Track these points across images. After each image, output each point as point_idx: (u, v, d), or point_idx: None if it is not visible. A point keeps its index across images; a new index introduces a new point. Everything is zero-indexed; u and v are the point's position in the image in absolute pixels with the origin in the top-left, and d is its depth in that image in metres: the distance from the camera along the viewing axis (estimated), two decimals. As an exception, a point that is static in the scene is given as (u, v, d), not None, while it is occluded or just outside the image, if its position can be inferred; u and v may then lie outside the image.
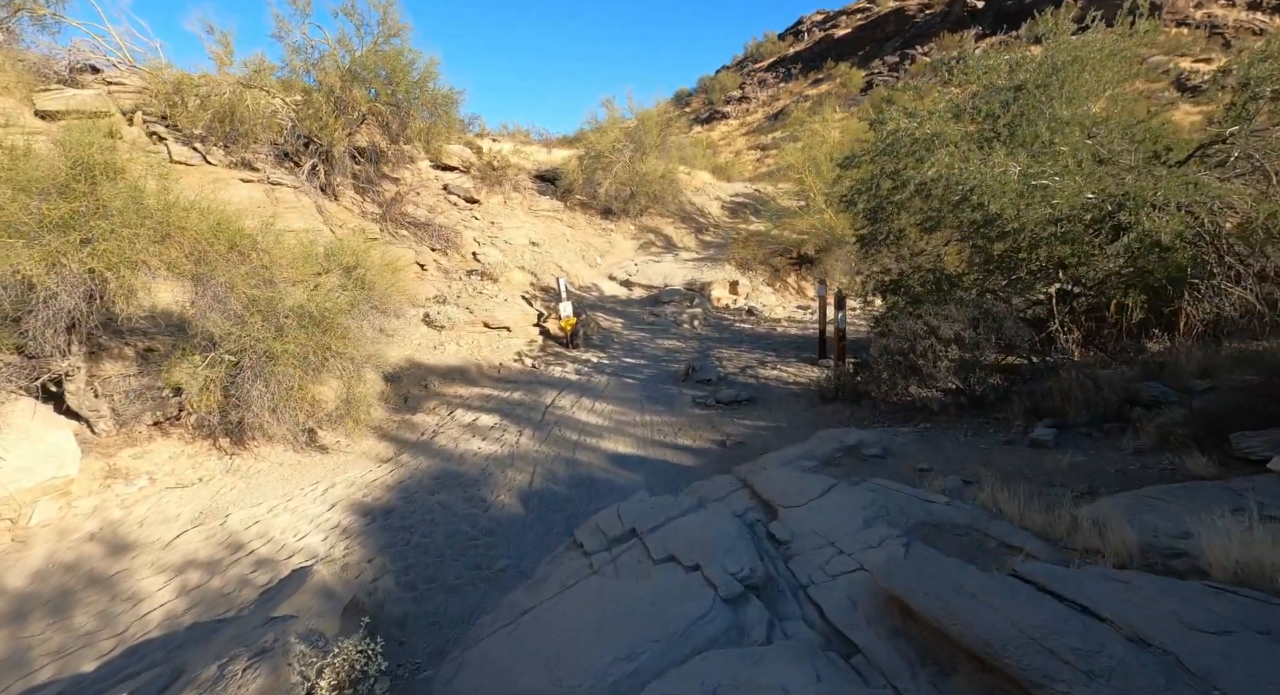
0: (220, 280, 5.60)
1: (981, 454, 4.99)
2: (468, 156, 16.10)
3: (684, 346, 11.25)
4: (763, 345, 10.97)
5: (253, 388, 5.83)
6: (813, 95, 42.11)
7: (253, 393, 5.83)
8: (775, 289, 15.19)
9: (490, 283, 11.64)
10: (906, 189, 7.59)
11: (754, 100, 44.07)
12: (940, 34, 39.11)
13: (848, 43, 44.41)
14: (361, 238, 10.82)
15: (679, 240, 17.57)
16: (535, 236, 15.04)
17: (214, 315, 5.64)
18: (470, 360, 9.91)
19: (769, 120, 42.21)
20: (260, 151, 10.32)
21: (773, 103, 43.77)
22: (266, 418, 5.96)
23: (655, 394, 8.60)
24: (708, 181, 20.66)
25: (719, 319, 13.29)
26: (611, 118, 16.52)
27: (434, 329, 10.27)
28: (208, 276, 5.65)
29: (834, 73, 42.00)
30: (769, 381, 8.85)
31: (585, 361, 10.39)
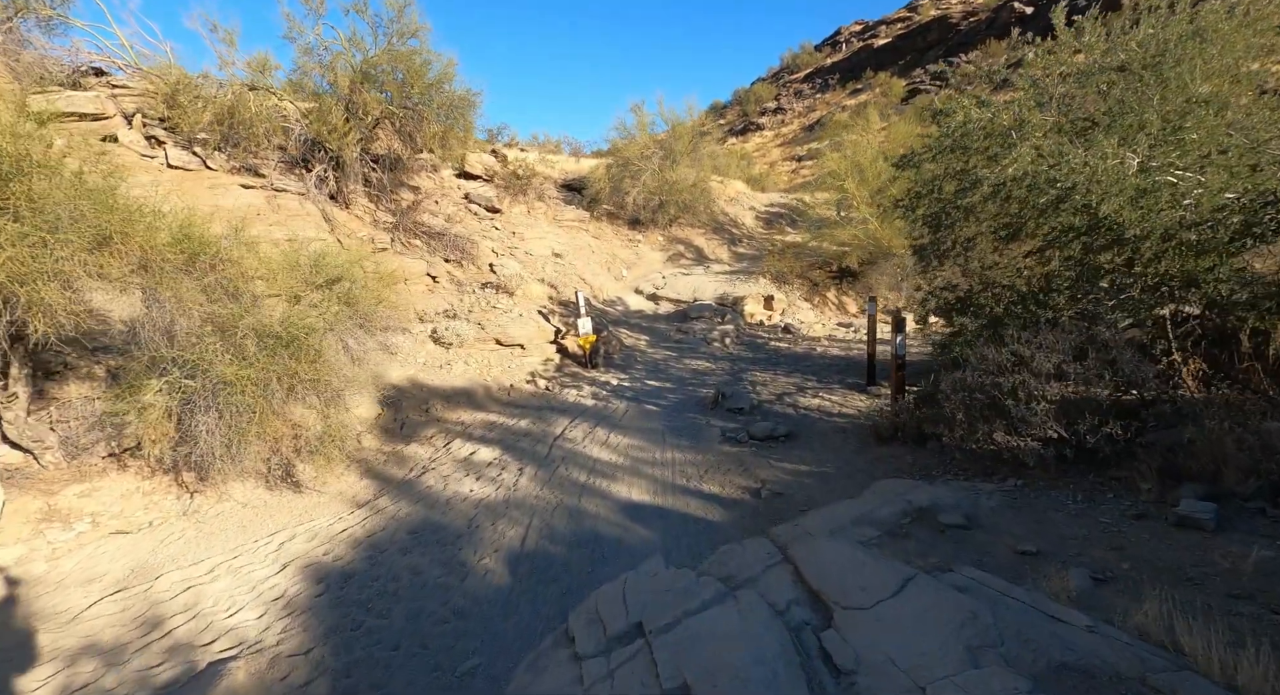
0: (166, 295, 4.70)
1: (1106, 532, 3.69)
2: (491, 165, 15.30)
3: (714, 368, 10.07)
4: (801, 368, 9.73)
5: (202, 420, 4.90)
6: (851, 105, 40.68)
7: (200, 426, 4.90)
8: (814, 305, 13.90)
9: (505, 296, 10.69)
10: (978, 191, 6.33)
11: (790, 111, 42.80)
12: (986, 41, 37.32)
13: (888, 52, 42.85)
14: (370, 248, 10.02)
15: (710, 252, 16.42)
16: (558, 247, 14.10)
17: (156, 334, 4.74)
18: (478, 381, 8.92)
19: (805, 131, 40.87)
20: (266, 156, 9.61)
21: (809, 114, 42.44)
22: (219, 455, 5.02)
23: (679, 425, 7.45)
24: (741, 191, 19.50)
25: (752, 337, 12.08)
26: (640, 123, 15.55)
27: (441, 346, 9.34)
28: (154, 290, 4.77)
29: (873, 82, 40.51)
30: (810, 412, 7.61)
31: (604, 384, 9.31)
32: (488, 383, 8.97)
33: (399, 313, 9.07)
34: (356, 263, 6.78)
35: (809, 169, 32.73)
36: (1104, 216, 4.67)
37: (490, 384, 8.97)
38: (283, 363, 5.19)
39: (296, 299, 5.92)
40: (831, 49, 46.94)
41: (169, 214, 5.31)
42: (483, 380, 8.99)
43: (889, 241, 12.82)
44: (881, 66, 41.62)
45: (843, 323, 13.09)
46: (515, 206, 14.88)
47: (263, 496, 5.67)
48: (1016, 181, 5.78)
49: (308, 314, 5.64)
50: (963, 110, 6.20)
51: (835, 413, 7.55)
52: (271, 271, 6.00)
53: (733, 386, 8.80)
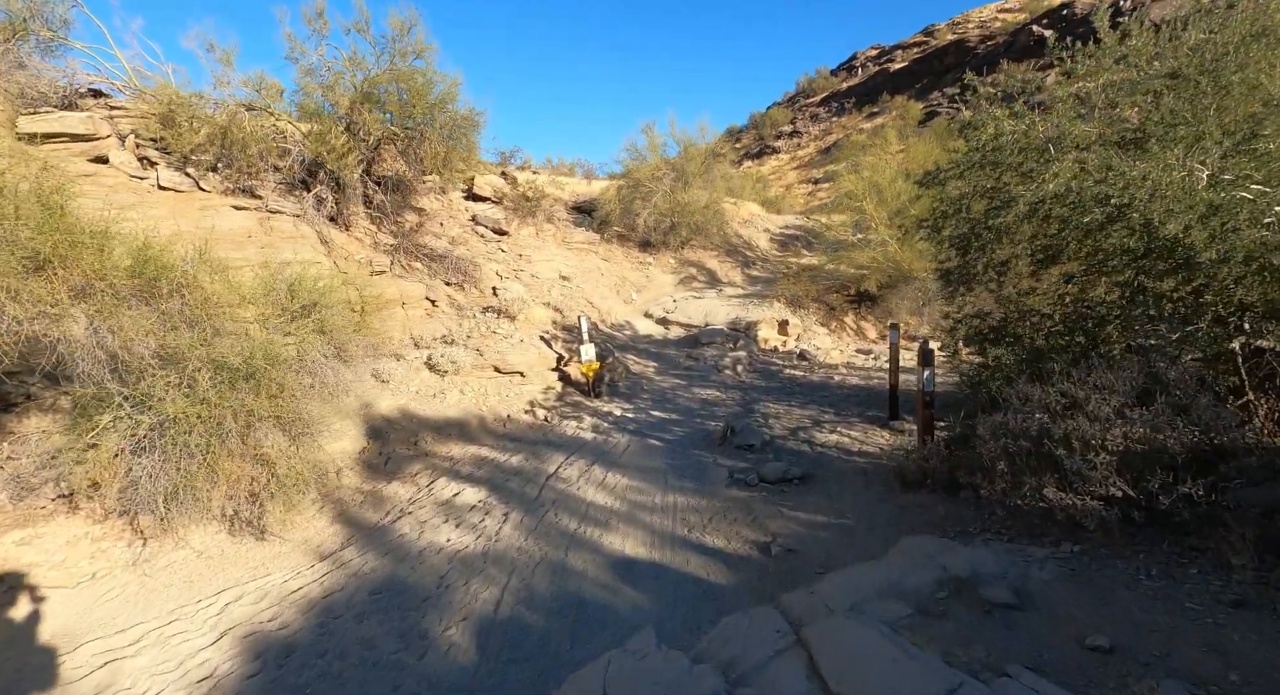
0: (106, 324, 4.22)
1: (1197, 624, 2.96)
2: (500, 187, 14.97)
3: (724, 397, 9.41)
4: (818, 398, 9.02)
5: (145, 461, 4.38)
6: (868, 128, 40.31)
7: (141, 469, 4.38)
8: (830, 330, 13.20)
9: (506, 321, 10.19)
10: (1012, 210, 5.68)
11: (806, 134, 42.49)
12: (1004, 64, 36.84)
13: (904, 76, 42.49)
14: (367, 271, 9.61)
15: (723, 275, 15.85)
16: (566, 269, 13.63)
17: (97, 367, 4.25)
18: (473, 411, 8.36)
19: (821, 154, 40.47)
20: (263, 178, 9.29)
21: (825, 137, 42.10)
22: (163, 501, 4.49)
23: (684, 463, 6.79)
24: (756, 213, 18.98)
25: (766, 364, 11.40)
26: (652, 144, 15.16)
27: (436, 374, 8.82)
28: (96, 317, 4.29)
29: (890, 105, 40.10)
30: (827, 450, 6.91)
31: (606, 415, 8.69)
32: (483, 413, 8.40)
33: (384, 339, 8.60)
34: (334, 288, 6.28)
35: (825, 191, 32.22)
36: (1167, 237, 4.00)
37: (486, 414, 8.41)
38: (239, 398, 4.67)
39: (264, 327, 5.42)
40: (847, 73, 46.74)
41: (128, 236, 4.88)
42: (478, 410, 8.43)
43: (910, 264, 12.14)
44: (898, 90, 41.23)
45: (862, 349, 12.37)
46: (523, 228, 14.49)
47: (222, 544, 5.11)
48: (1058, 198, 5.13)
49: (273, 343, 5.13)
50: (994, 122, 5.59)
51: (855, 451, 6.84)
52: (243, 298, 5.53)
53: (743, 419, 8.13)
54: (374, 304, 9.34)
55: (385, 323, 9.45)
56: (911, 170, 13.03)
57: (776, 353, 12.07)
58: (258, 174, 9.19)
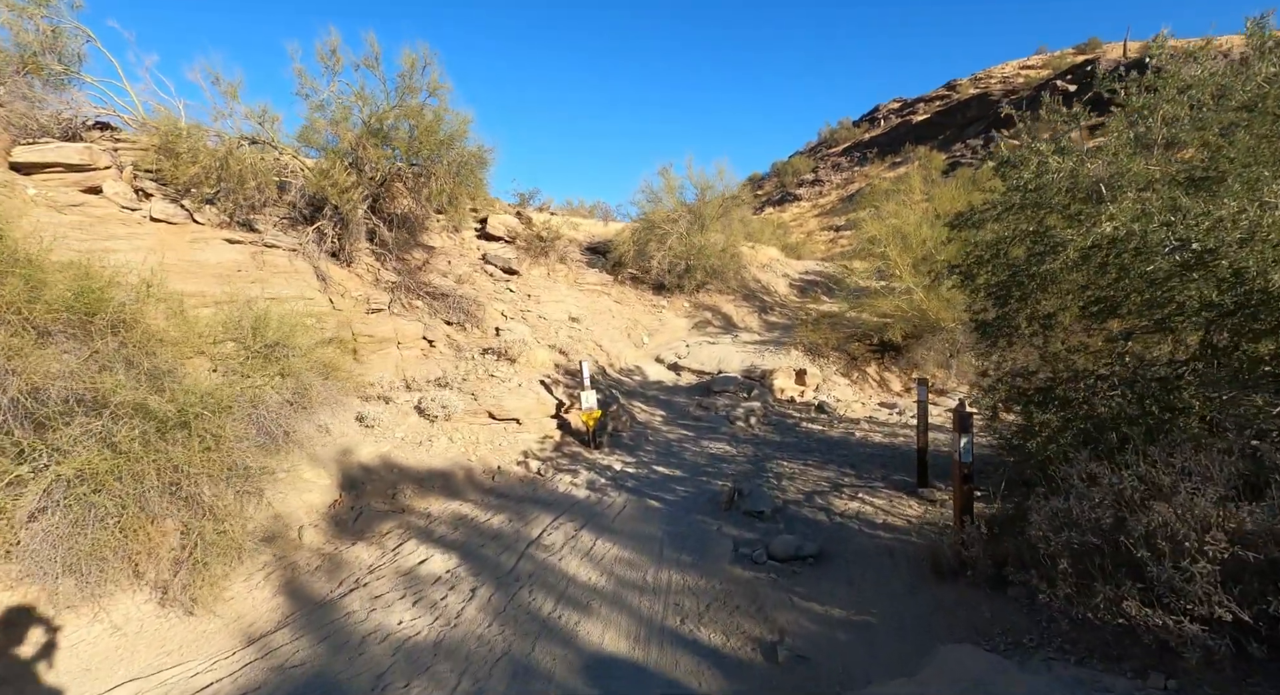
0: (9, 364, 3.66)
1: None
2: (514, 226, 14.67)
3: (734, 453, 8.59)
4: (837, 457, 8.15)
5: (41, 523, 3.76)
6: (891, 177, 40.07)
7: (35, 531, 3.75)
8: (852, 381, 12.35)
9: (506, 363, 9.59)
10: (1060, 256, 4.96)
11: (828, 183, 42.39)
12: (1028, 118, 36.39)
13: (927, 127, 42.44)
14: (363, 308, 9.15)
15: (739, 320, 15.18)
16: (576, 311, 13.10)
17: (0, 414, 3.68)
18: (461, 462, 7.67)
19: (843, 202, 40.19)
20: (265, 212, 9.01)
21: (847, 185, 41.93)
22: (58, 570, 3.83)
23: (684, 530, 5.97)
24: (775, 257, 18.43)
25: (782, 416, 10.58)
26: (669, 187, 14.80)
27: (426, 419, 8.19)
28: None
29: (913, 155, 39.92)
30: (847, 521, 6.03)
31: (605, 468, 7.92)
32: (471, 464, 7.70)
33: (367, 382, 8.03)
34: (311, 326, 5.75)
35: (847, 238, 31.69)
36: (1271, 290, 3.23)
37: (474, 465, 7.71)
38: (168, 451, 4.06)
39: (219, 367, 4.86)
40: (870, 124, 46.92)
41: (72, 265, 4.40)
42: (466, 460, 7.74)
43: (937, 313, 11.34)
44: (920, 141, 41.09)
45: (885, 403, 11.47)
46: (535, 268, 14.08)
47: (145, 618, 4.41)
48: (1116, 244, 4.40)
49: (222, 387, 4.55)
50: (1036, 158, 4.93)
51: (880, 523, 5.95)
52: (199, 335, 5.00)
53: (754, 480, 7.30)
54: (368, 343, 8.85)
55: (378, 363, 8.93)
56: (941, 213, 12.39)
57: (793, 404, 11.25)
58: (259, 208, 8.90)
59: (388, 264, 10.57)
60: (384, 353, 9.02)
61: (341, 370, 6.35)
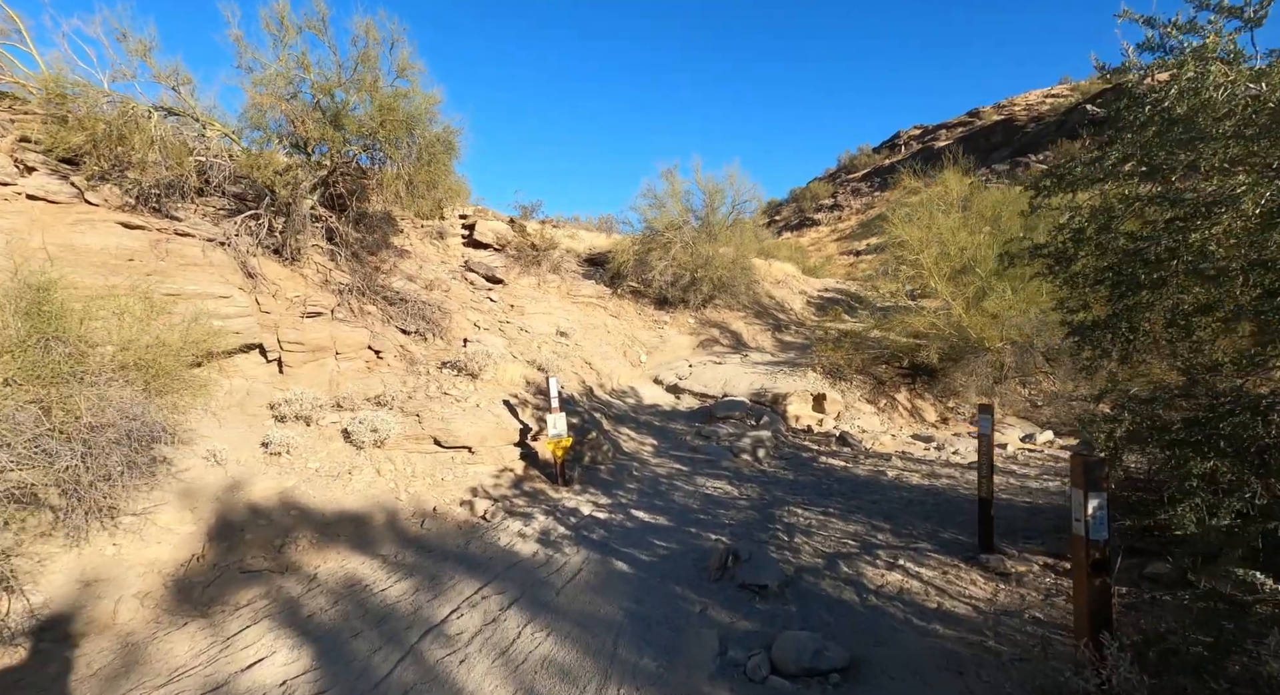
0: None
1: None
2: (504, 233, 13.16)
3: (736, 494, 6.71)
4: (866, 504, 6.23)
5: None
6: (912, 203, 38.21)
7: None
8: (879, 408, 10.40)
9: (466, 380, 7.88)
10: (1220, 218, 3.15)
11: (847, 208, 40.72)
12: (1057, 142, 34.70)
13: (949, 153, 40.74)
14: (299, 311, 7.56)
15: (750, 338, 13.36)
16: (566, 324, 11.42)
17: None
18: (385, 501, 5.92)
19: (862, 227, 38.44)
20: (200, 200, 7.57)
21: (867, 211, 40.21)
22: None
23: (654, 612, 4.11)
24: (790, 273, 16.66)
25: (796, 448, 8.68)
26: (673, 191, 13.17)
27: (352, 446, 6.49)
28: None
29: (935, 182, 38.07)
30: (887, 602, 4.12)
31: (570, 513, 6.11)
32: (398, 504, 5.95)
33: (254, 401, 6.40)
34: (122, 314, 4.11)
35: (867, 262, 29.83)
36: None
37: (402, 505, 5.95)
38: None
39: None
40: (890, 151, 45.33)
41: None
42: (393, 499, 5.99)
43: (979, 332, 9.42)
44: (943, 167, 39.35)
45: (919, 435, 9.49)
46: (524, 278, 12.49)
47: None
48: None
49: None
50: (1194, 64, 3.12)
51: (934, 609, 4.03)
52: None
53: (757, 534, 5.42)
54: (296, 352, 7.25)
55: (309, 375, 7.31)
56: (983, 214, 10.59)
57: (810, 434, 9.34)
58: (185, 193, 7.45)
59: (343, 265, 9.05)
60: (318, 364, 7.40)
61: (183, 380, 4.68)
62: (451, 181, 8.69)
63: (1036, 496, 6.17)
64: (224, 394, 6.75)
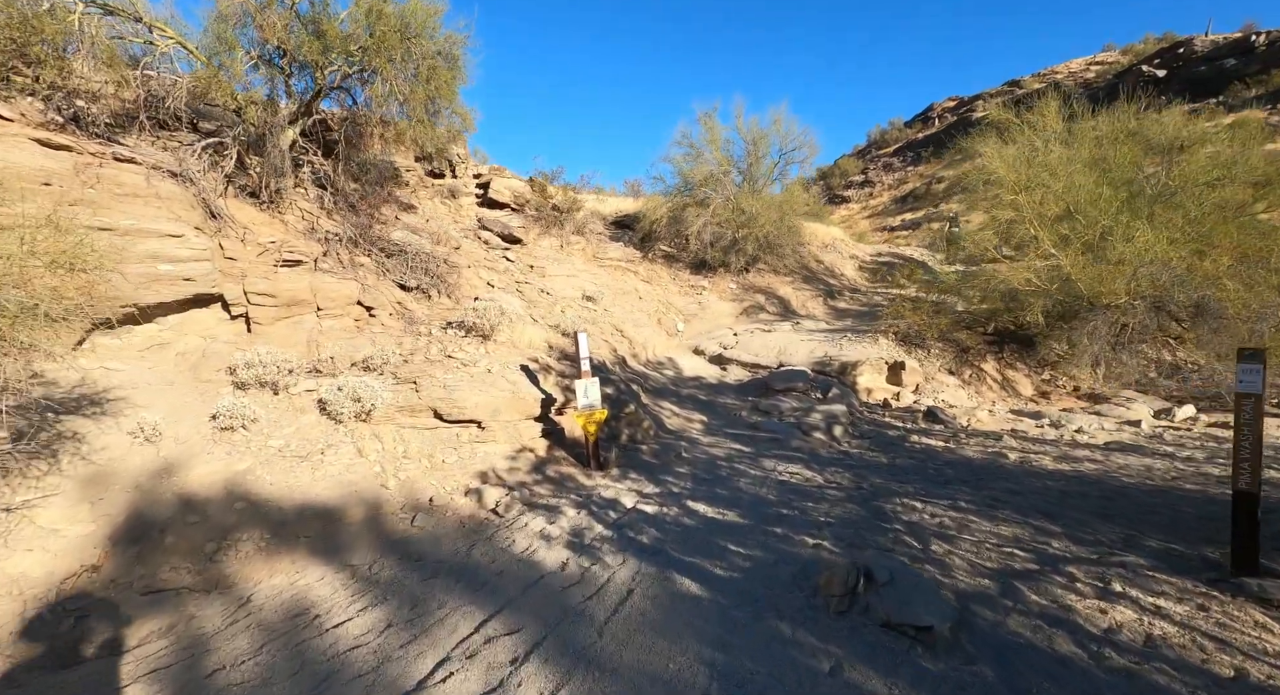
0: None
1: None
2: (522, 192, 11.56)
3: (821, 481, 5.05)
4: (1003, 495, 4.52)
5: None
6: (949, 176, 35.84)
7: None
8: (964, 380, 8.60)
9: (476, 341, 6.32)
10: None
11: (879, 184, 38.30)
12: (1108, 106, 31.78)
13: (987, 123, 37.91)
14: (272, 260, 6.06)
15: (799, 305, 11.60)
16: (593, 289, 9.80)
17: None
18: (365, 490, 4.40)
19: (896, 203, 36.04)
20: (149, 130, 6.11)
21: (900, 186, 37.76)
22: None
23: (755, 673, 2.49)
24: (838, 237, 14.80)
25: (877, 425, 6.97)
26: (712, 138, 11.37)
27: (329, 419, 4.98)
28: None
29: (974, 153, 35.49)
30: (1143, 668, 2.44)
31: (608, 505, 4.53)
32: (383, 494, 4.41)
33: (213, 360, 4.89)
34: None
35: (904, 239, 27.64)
36: None
37: (389, 496, 4.42)
38: None
39: None
40: (923, 124, 42.61)
41: None
42: (376, 488, 4.46)
43: (1099, 285, 7.55)
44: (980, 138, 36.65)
45: (1021, 411, 7.71)
46: (544, 239, 10.89)
47: None
48: None
49: None
50: None
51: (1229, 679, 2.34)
52: None
53: (870, 536, 3.76)
54: (267, 306, 5.75)
55: (283, 334, 5.81)
56: (1113, 137, 8.68)
57: (889, 409, 7.61)
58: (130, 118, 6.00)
59: (334, 213, 7.54)
60: (293, 321, 5.90)
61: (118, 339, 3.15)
62: (457, 105, 7.07)
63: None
64: (175, 355, 5.30)
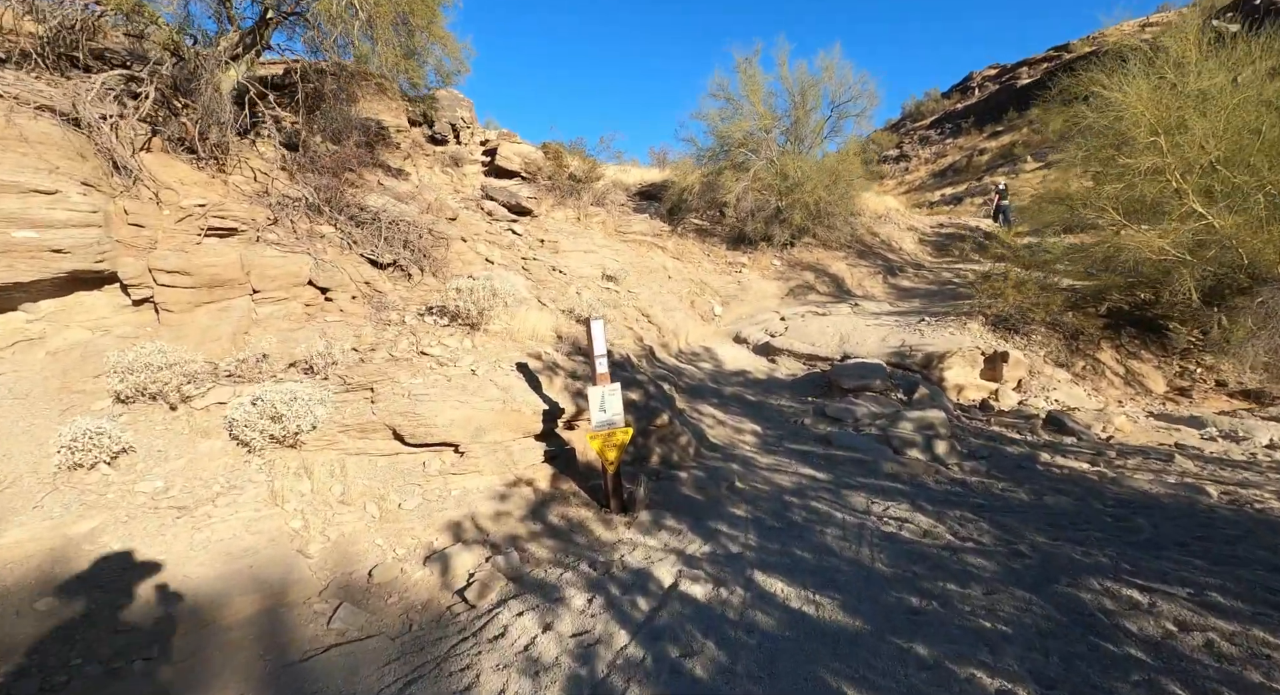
0: None
1: None
2: (534, 159, 9.86)
3: (947, 536, 3.31)
4: (1271, 574, 2.74)
5: None
6: (992, 148, 32.98)
7: None
8: (1077, 374, 6.69)
9: (461, 332, 4.70)
10: None
11: (915, 158, 35.48)
12: (1170, 65, 28.43)
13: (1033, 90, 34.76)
14: (197, 226, 4.50)
15: (855, 284, 9.72)
16: (614, 267, 8.10)
17: None
18: (271, 561, 2.83)
19: (933, 178, 33.28)
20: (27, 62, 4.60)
21: (938, 160, 34.90)
22: None
23: None
24: (893, 207, 12.79)
25: (983, 435, 5.16)
26: (752, 86, 9.42)
27: (239, 445, 3.43)
28: None
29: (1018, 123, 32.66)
30: None
31: (635, 582, 2.88)
32: (301, 566, 2.83)
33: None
34: None
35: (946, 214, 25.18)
36: None
37: (309, 569, 2.83)
38: None
39: None
40: (962, 94, 39.39)
41: None
42: (289, 556, 2.88)
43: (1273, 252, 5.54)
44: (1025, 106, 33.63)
45: (1162, 414, 5.81)
46: (558, 211, 9.21)
47: None
48: None
49: None
50: None
51: None
52: None
53: (1097, 675, 2.03)
54: (180, 287, 4.20)
55: (201, 325, 4.27)
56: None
57: (993, 413, 5.78)
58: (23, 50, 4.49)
59: (301, 177, 5.95)
60: (218, 307, 4.34)
61: None
62: (437, 28, 5.37)
63: None
64: (45, 355, 3.80)
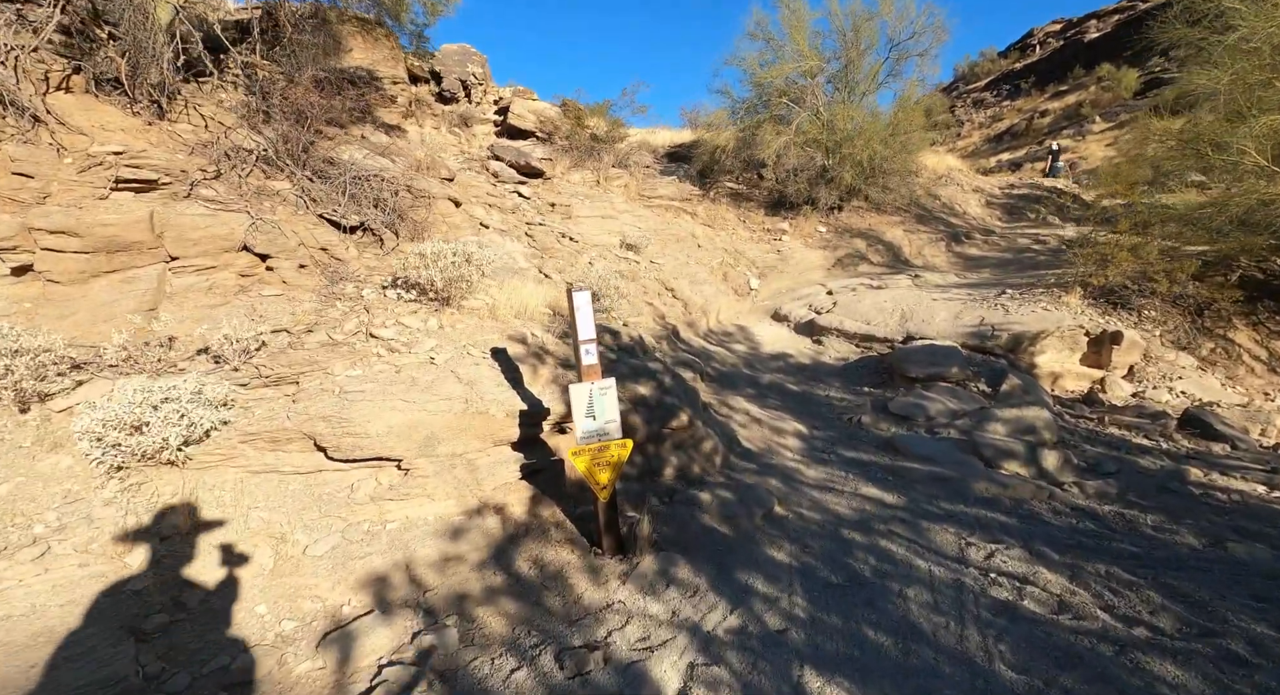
0: None
1: None
2: (549, 115, 8.70)
3: (1099, 616, 2.13)
4: None
5: None
6: (1054, 109, 29.86)
7: None
8: (1204, 359, 5.23)
9: (427, 309, 3.70)
10: None
11: (969, 123, 32.56)
12: (1270, 8, 24.72)
13: (1102, 45, 31.20)
14: (105, 178, 3.56)
15: (914, 252, 8.28)
16: (636, 234, 6.95)
17: None
18: (61, 666, 1.92)
19: (989, 143, 30.41)
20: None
21: (994, 124, 31.91)
22: None
23: None
24: (953, 166, 11.12)
25: (1098, 441, 3.86)
26: (795, 22, 7.92)
27: (97, 464, 2.52)
28: None
29: (1085, 81, 29.46)
30: None
31: (621, 684, 1.85)
32: (109, 667, 1.90)
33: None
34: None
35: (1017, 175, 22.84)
36: None
37: (121, 671, 1.90)
38: None
39: None
40: (1021, 53, 35.82)
41: None
42: (109, 640, 1.95)
43: None
44: (1094, 62, 30.20)
45: (1338, 413, 4.34)
46: (576, 172, 8.07)
47: None
48: None
49: None
50: None
51: None
52: None
53: None
54: (73, 253, 3.29)
55: (95, 301, 3.36)
56: None
57: (1104, 410, 4.45)
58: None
59: (266, 128, 4.98)
60: (121, 278, 3.42)
61: None
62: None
63: None
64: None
